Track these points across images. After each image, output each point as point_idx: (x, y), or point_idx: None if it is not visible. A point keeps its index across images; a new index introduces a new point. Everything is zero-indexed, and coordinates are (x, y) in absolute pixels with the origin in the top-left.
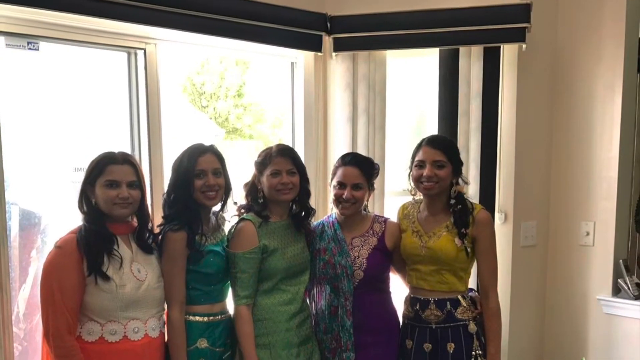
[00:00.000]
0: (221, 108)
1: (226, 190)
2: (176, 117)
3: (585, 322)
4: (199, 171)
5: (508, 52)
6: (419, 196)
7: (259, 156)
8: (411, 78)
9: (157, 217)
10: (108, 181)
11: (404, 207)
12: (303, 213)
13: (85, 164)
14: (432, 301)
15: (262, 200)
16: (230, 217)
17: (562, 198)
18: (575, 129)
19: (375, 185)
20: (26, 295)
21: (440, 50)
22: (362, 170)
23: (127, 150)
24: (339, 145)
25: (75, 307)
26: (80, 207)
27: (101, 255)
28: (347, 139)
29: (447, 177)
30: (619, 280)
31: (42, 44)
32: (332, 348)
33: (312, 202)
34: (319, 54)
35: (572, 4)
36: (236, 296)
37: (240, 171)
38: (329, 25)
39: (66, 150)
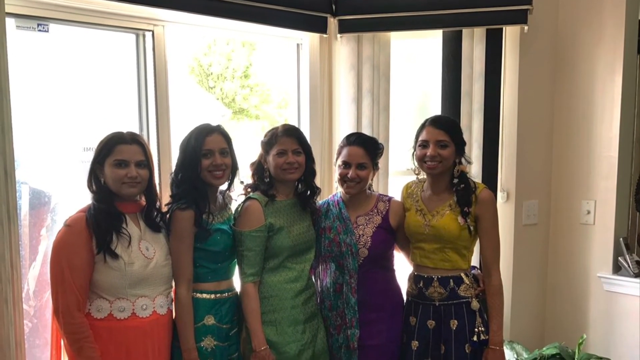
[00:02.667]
0: (228, 89)
1: (233, 169)
2: (183, 98)
3: (586, 300)
4: (206, 151)
5: (510, 34)
6: (423, 175)
7: (265, 136)
8: (415, 59)
9: (165, 196)
10: (117, 161)
11: (407, 186)
12: (308, 192)
13: (95, 144)
14: (435, 279)
15: (268, 179)
16: (237, 196)
17: (564, 177)
18: (576, 109)
19: (379, 165)
20: (36, 273)
21: (443, 32)
22: (366, 149)
23: (136, 130)
24: (343, 126)
25: (85, 285)
26: (90, 186)
27: (110, 233)
28: (352, 119)
29: (450, 157)
30: (619, 258)
31: (52, 26)
32: (337, 325)
33: (318, 182)
34: (324, 35)
35: None
36: (243, 274)
37: (247, 151)
38: (334, 7)
39: (75, 130)
